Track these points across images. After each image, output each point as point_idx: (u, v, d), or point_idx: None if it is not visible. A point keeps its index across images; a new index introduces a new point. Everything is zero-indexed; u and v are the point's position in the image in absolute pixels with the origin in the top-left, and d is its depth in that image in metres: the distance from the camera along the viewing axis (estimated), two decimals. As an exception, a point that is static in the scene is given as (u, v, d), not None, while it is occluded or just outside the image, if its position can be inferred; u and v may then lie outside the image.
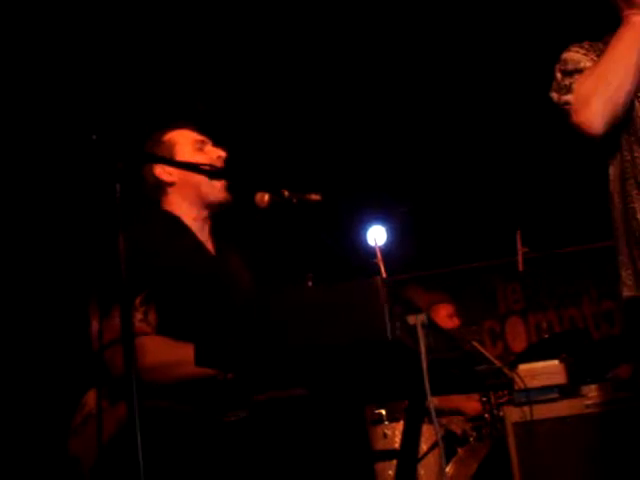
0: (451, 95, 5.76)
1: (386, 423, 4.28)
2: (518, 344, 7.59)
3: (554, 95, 2.46)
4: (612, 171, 2.44)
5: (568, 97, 2.38)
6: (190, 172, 2.54)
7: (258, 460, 2.20)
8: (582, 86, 2.35)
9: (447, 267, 7.78)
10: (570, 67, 2.43)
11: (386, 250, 5.47)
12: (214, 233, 2.67)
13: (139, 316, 2.30)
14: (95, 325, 2.32)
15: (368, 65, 5.43)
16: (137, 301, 2.30)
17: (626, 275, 2.45)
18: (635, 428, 3.26)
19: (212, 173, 2.57)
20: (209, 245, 2.62)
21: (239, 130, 5.40)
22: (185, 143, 2.66)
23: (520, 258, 4.90)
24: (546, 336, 6.87)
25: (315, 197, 2.42)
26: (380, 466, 3.94)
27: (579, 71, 2.40)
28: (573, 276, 7.58)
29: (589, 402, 3.40)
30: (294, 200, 2.41)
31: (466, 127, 6.10)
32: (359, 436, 2.47)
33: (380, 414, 4.33)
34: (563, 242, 7.19)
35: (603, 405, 3.38)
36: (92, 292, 2.40)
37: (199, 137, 2.69)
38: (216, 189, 2.60)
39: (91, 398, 2.36)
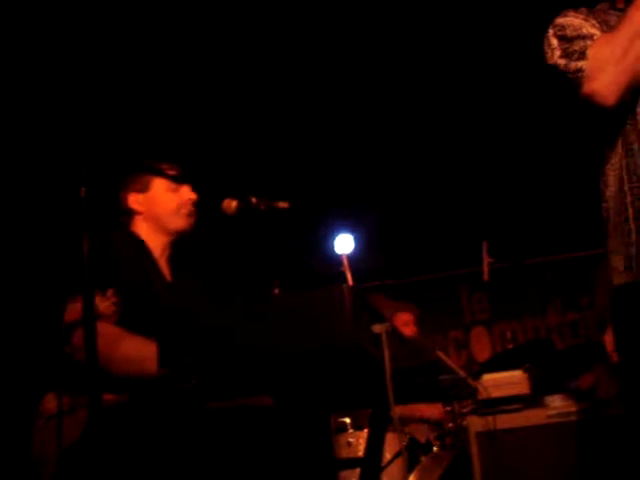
0: (419, 105, 5.79)
1: (350, 431, 4.28)
2: (483, 354, 7.63)
3: (561, 62, 2.27)
4: (611, 146, 2.28)
5: (581, 64, 2.21)
6: (155, 204, 2.72)
7: (222, 467, 2.20)
8: (598, 52, 2.20)
9: (413, 276, 7.81)
10: (570, 32, 2.28)
11: (353, 258, 5.47)
12: (172, 260, 2.79)
13: (108, 302, 2.39)
14: (68, 316, 2.41)
15: (336, 73, 5.45)
16: (109, 291, 2.40)
17: (614, 260, 2.25)
18: (596, 438, 3.30)
19: (177, 178, 2.64)
20: (166, 271, 2.74)
21: (208, 137, 5.39)
22: (160, 183, 2.78)
23: (486, 268, 4.93)
24: (510, 346, 6.92)
25: (283, 204, 2.43)
26: (344, 474, 3.93)
27: (582, 37, 2.26)
28: (538, 287, 7.63)
29: (552, 412, 3.42)
30: (262, 207, 2.42)
31: (433, 138, 6.13)
32: (323, 444, 2.47)
33: (344, 422, 4.33)
34: (528, 253, 7.25)
35: (565, 415, 3.41)
36: (65, 290, 2.44)
37: (172, 180, 2.78)
38: (178, 218, 2.73)
39: (50, 401, 2.37)
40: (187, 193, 2.77)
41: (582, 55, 2.22)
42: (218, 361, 1.79)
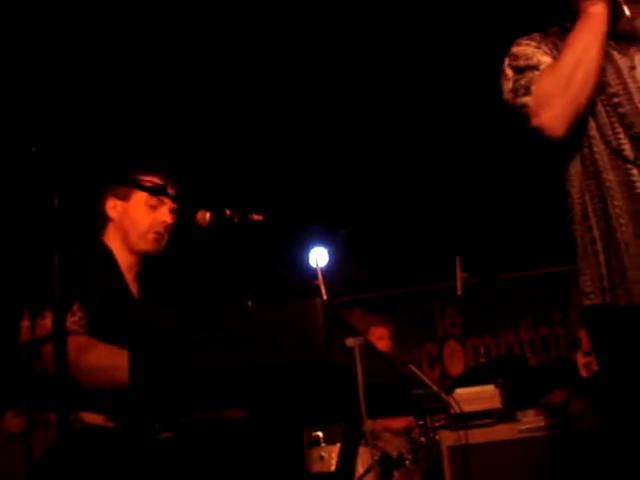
0: (392, 121, 5.82)
1: (323, 445, 4.28)
2: (456, 368, 7.66)
3: (509, 96, 2.28)
4: (571, 170, 2.27)
5: (526, 99, 2.22)
6: (128, 218, 2.65)
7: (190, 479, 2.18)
8: (541, 87, 2.19)
9: (387, 290, 7.83)
10: (522, 63, 2.27)
11: (327, 272, 5.47)
12: (140, 277, 2.70)
13: (75, 318, 2.31)
14: (26, 331, 2.33)
15: (310, 88, 5.46)
16: (75, 306, 2.33)
17: (583, 282, 2.23)
18: (567, 453, 3.31)
19: (157, 192, 2.59)
20: (133, 287, 2.65)
21: (182, 148, 5.38)
22: (140, 196, 2.70)
23: (459, 283, 4.95)
24: (483, 361, 6.95)
25: (257, 217, 2.41)
26: (316, 488, 3.93)
27: (532, 68, 2.25)
28: (510, 302, 7.69)
29: (523, 427, 3.44)
30: (236, 219, 2.40)
31: (408, 153, 6.16)
32: (296, 458, 2.46)
33: (317, 436, 4.33)
34: (501, 268, 7.29)
35: (537, 430, 3.42)
36: (24, 302, 2.38)
37: (155, 201, 2.70)
38: (144, 241, 2.65)
39: (9, 419, 2.30)
40: (163, 215, 2.68)
41: (527, 90, 2.21)
42: (187, 376, 1.77)
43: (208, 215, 2.44)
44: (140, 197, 2.67)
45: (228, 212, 2.41)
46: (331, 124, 5.81)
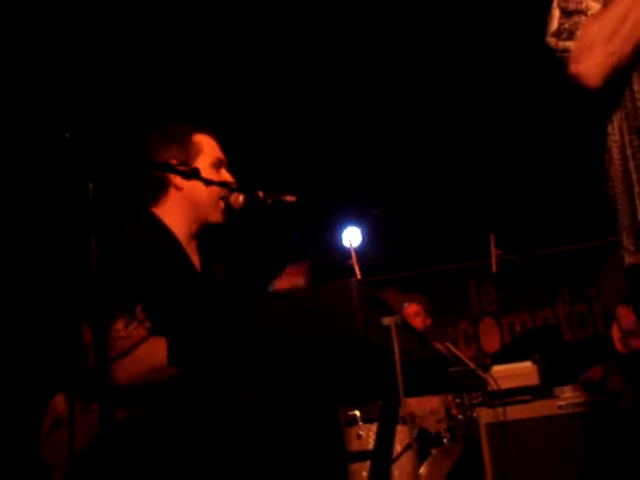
0: (425, 97, 5.79)
1: (360, 424, 4.29)
2: (492, 345, 7.63)
3: (552, 40, 2.21)
4: (612, 124, 2.21)
5: (569, 44, 2.16)
6: (197, 187, 2.40)
7: (232, 461, 2.19)
8: (586, 33, 2.13)
9: (421, 269, 7.81)
10: (571, 6, 2.19)
11: (361, 251, 5.47)
12: (200, 247, 2.54)
13: (140, 326, 2.20)
14: (88, 336, 2.20)
15: (341, 67, 5.45)
16: (138, 309, 2.20)
17: (627, 240, 2.16)
18: (606, 429, 3.29)
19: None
20: (195, 260, 2.49)
21: (215, 131, 5.39)
22: (209, 154, 2.52)
23: (494, 260, 4.92)
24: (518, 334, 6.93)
25: (290, 198, 2.39)
26: (354, 467, 3.95)
27: (580, 12, 2.18)
28: (546, 278, 7.63)
29: (561, 403, 3.42)
30: (269, 201, 2.38)
31: (441, 130, 6.12)
32: (333, 437, 2.46)
33: (354, 415, 4.34)
34: (536, 245, 7.24)
35: (575, 406, 3.41)
36: (81, 302, 2.27)
37: (222, 155, 2.56)
38: (218, 210, 2.47)
39: (59, 402, 2.27)
40: (226, 175, 2.51)
41: (571, 35, 2.16)
42: (233, 355, 1.78)
43: (241, 197, 2.42)
44: (207, 158, 2.49)
45: (261, 194, 2.39)
46: (364, 104, 5.80)
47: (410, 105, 5.85)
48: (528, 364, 3.50)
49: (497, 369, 3.48)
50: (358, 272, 4.10)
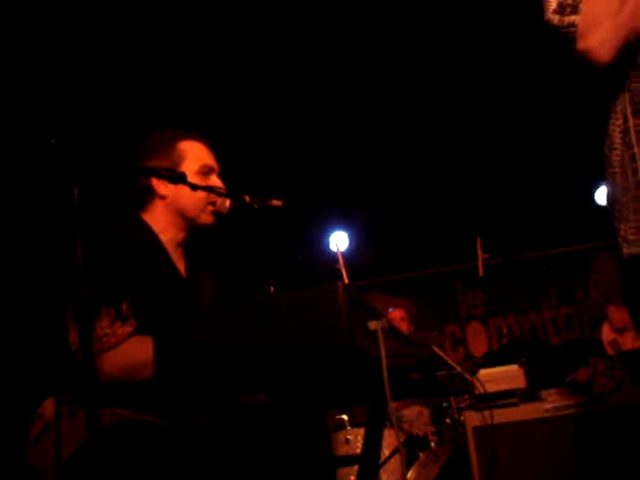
0: (412, 103, 5.80)
1: (348, 428, 4.29)
2: (479, 349, 7.65)
3: (554, 17, 2.06)
4: (616, 107, 2.10)
5: (574, 18, 2.01)
6: (183, 193, 2.40)
7: (219, 465, 2.19)
8: (592, 6, 1.99)
9: (408, 272, 7.83)
10: None
11: (348, 256, 5.48)
12: (187, 252, 2.54)
13: (126, 323, 2.22)
14: (74, 334, 2.21)
15: (329, 72, 5.45)
16: (123, 307, 2.22)
17: (627, 229, 2.06)
18: (593, 431, 3.30)
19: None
20: (181, 266, 2.49)
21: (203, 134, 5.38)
22: (194, 161, 2.50)
23: (480, 264, 4.94)
24: (505, 341, 6.94)
25: (277, 202, 2.39)
26: (342, 471, 3.94)
27: None
28: (532, 282, 7.66)
29: (548, 406, 3.43)
30: (255, 205, 2.38)
31: (428, 135, 6.14)
32: (321, 441, 2.46)
33: (342, 420, 4.34)
34: (523, 248, 7.27)
35: (562, 409, 3.42)
36: (67, 300, 2.30)
37: (210, 161, 2.54)
38: (207, 212, 2.47)
39: (48, 407, 2.27)
40: (215, 180, 2.49)
41: (575, 9, 2.02)
42: (216, 361, 1.78)
43: (228, 202, 2.43)
44: (191, 165, 2.47)
45: (247, 198, 2.38)
46: (350, 108, 5.80)
47: (398, 110, 5.87)
48: (514, 367, 3.51)
49: (484, 372, 3.48)
50: (345, 276, 4.10)
